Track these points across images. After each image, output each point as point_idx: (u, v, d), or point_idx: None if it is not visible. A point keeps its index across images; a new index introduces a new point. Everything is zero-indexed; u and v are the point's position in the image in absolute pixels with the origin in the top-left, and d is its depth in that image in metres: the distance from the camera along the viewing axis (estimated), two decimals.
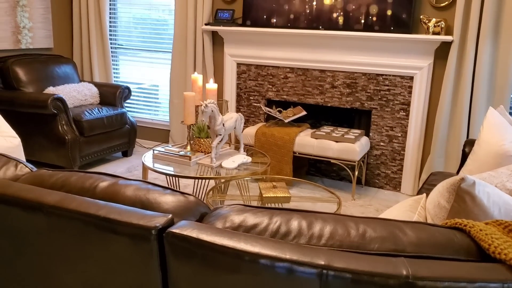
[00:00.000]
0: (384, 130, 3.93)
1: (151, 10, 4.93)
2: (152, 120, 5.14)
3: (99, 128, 4.22)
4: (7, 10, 4.37)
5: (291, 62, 4.15)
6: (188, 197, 1.33)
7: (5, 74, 4.21)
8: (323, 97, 4.10)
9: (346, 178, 4.21)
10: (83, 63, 5.07)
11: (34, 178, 1.46)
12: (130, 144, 4.65)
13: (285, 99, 4.27)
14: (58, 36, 4.97)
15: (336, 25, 3.87)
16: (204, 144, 3.18)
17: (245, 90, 4.43)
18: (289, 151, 3.84)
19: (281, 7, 4.05)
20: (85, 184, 1.40)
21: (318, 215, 1.21)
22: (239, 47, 4.34)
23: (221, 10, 4.31)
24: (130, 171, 4.26)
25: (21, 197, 1.28)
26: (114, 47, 5.20)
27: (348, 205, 3.68)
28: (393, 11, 3.66)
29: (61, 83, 4.47)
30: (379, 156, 4.00)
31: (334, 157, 3.74)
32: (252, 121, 4.45)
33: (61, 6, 4.97)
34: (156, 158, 3.14)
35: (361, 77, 3.92)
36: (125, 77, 5.26)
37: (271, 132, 3.92)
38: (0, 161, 1.56)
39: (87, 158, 4.17)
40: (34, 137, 4.07)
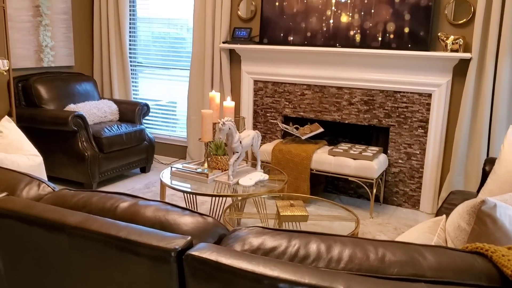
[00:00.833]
0: (402, 147, 3.91)
1: (170, 27, 5.02)
2: (169, 136, 5.20)
3: (118, 144, 4.28)
4: (30, 30, 4.49)
5: (308, 79, 4.17)
6: (207, 219, 1.34)
7: (27, 91, 4.31)
8: (340, 114, 4.10)
9: (364, 196, 4.18)
10: (103, 81, 5.16)
11: (57, 198, 1.49)
12: (148, 160, 4.70)
13: (302, 115, 4.28)
14: (79, 55, 5.08)
15: (353, 42, 3.89)
16: (221, 162, 3.20)
17: (262, 106, 4.45)
18: (306, 168, 3.84)
19: (298, 25, 4.09)
20: (106, 205, 1.42)
21: (337, 238, 1.21)
22: (256, 64, 4.38)
23: (239, 29, 4.36)
24: (148, 187, 4.30)
25: (45, 217, 1.31)
26: (133, 65, 5.29)
27: (366, 223, 3.64)
28: (411, 28, 3.66)
29: (81, 101, 4.55)
30: (397, 173, 3.97)
31: (352, 174, 3.72)
32: (269, 138, 4.47)
33: (83, 25, 5.09)
34: (174, 175, 3.17)
35: (379, 94, 3.92)
36: (144, 94, 5.33)
37: (288, 149, 3.93)
38: (24, 180, 1.60)
39: (106, 174, 4.22)
40: (55, 154, 4.14)
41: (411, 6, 3.65)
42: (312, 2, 4.01)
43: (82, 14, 5.07)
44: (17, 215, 1.35)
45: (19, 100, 4.32)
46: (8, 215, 1.36)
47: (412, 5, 3.64)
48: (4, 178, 1.62)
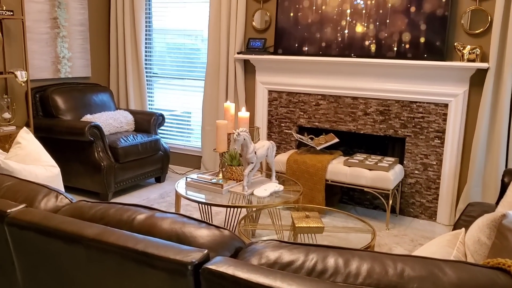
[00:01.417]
0: (418, 158, 3.87)
1: (185, 38, 5.06)
2: (184, 146, 5.22)
3: (134, 154, 4.31)
4: (48, 41, 4.57)
5: (323, 89, 4.16)
6: (223, 231, 1.33)
7: (45, 102, 4.37)
8: (355, 124, 4.08)
9: (380, 207, 4.14)
10: (119, 91, 5.22)
11: (74, 210, 1.50)
12: (163, 170, 4.72)
13: (317, 126, 4.26)
14: (95, 65, 5.14)
15: (369, 52, 3.87)
16: (236, 172, 3.20)
17: (276, 117, 4.45)
18: (321, 178, 3.81)
19: (313, 35, 4.09)
20: (123, 217, 1.42)
21: (355, 252, 1.20)
22: (270, 74, 4.39)
23: (253, 39, 4.38)
24: (163, 197, 4.31)
25: (62, 229, 1.32)
26: (149, 75, 5.33)
27: (383, 234, 3.60)
28: (427, 38, 3.64)
29: (98, 111, 4.60)
30: (413, 184, 3.93)
31: (368, 185, 3.69)
32: (283, 148, 4.46)
33: (99, 37, 5.16)
34: (189, 185, 3.18)
35: (394, 104, 3.89)
36: (159, 104, 5.37)
37: (303, 159, 3.91)
38: (42, 192, 1.61)
39: (121, 184, 4.24)
40: (71, 164, 4.18)
41: (427, 16, 3.63)
42: (327, 13, 4.01)
43: (99, 26, 5.14)
44: (35, 227, 1.36)
45: (37, 111, 4.39)
46: (26, 227, 1.38)
47: (428, 15, 3.62)
48: (23, 189, 1.64)
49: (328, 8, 4.00)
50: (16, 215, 1.41)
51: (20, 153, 2.26)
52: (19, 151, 2.27)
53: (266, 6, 4.41)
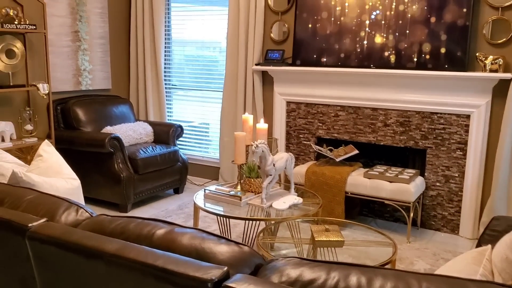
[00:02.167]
0: (440, 170, 3.80)
1: (203, 49, 5.09)
2: (202, 157, 5.23)
3: (153, 166, 4.33)
4: (70, 54, 4.64)
5: (342, 100, 4.13)
6: (243, 248, 1.32)
7: (66, 114, 4.43)
8: (375, 135, 4.04)
9: (400, 220, 4.08)
10: (139, 103, 5.26)
11: (94, 224, 1.50)
12: (181, 181, 4.73)
13: (336, 137, 4.23)
14: (116, 78, 5.21)
15: (388, 63, 3.84)
16: (255, 184, 3.18)
17: (294, 128, 4.43)
18: (340, 191, 3.77)
19: (331, 46, 4.08)
20: (143, 231, 1.42)
21: (378, 271, 1.17)
22: (288, 86, 4.38)
23: (271, 51, 4.39)
24: (181, 208, 4.32)
25: (83, 244, 1.32)
26: (168, 87, 5.38)
27: (404, 248, 3.54)
28: (447, 48, 3.59)
29: (118, 123, 4.64)
30: (435, 197, 3.85)
31: (388, 197, 3.64)
32: (302, 159, 4.43)
33: (119, 49, 5.23)
34: (207, 197, 3.17)
35: (415, 115, 3.84)
36: (178, 115, 5.40)
37: (322, 171, 3.88)
38: (63, 205, 1.62)
39: (140, 195, 4.26)
40: (91, 175, 4.22)
41: (448, 26, 3.58)
42: (346, 24, 3.99)
43: (119, 39, 5.21)
44: (56, 241, 1.36)
45: (58, 123, 4.45)
46: (47, 241, 1.38)
47: (449, 25, 3.58)
48: (44, 203, 1.65)
49: (346, 19, 3.99)
50: (37, 229, 1.42)
51: (41, 166, 2.28)
52: (41, 164, 2.29)
53: (284, 17, 4.41)
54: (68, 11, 4.57)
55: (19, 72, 4.17)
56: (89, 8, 4.76)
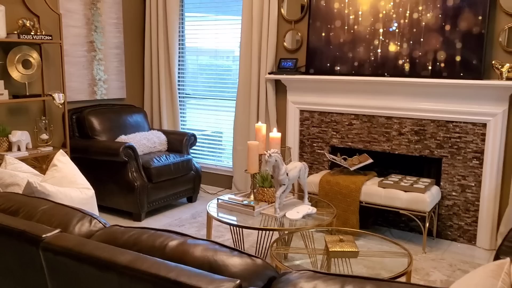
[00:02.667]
0: (456, 179, 3.74)
1: (217, 58, 5.11)
2: (216, 166, 5.23)
3: (166, 174, 4.34)
4: (85, 64, 4.70)
5: (356, 109, 4.11)
6: (255, 260, 1.31)
7: (81, 123, 4.47)
8: (390, 144, 4.00)
9: (416, 229, 4.02)
10: (153, 112, 5.30)
11: (108, 235, 1.51)
12: (195, 190, 4.74)
13: (350, 146, 4.20)
14: (130, 87, 5.25)
15: (402, 71, 3.81)
16: (268, 194, 3.17)
17: (308, 137, 4.41)
18: (355, 200, 3.74)
19: (345, 55, 4.06)
20: (156, 243, 1.42)
21: (394, 285, 1.15)
22: (302, 94, 4.37)
23: (284, 59, 4.39)
24: (195, 217, 4.32)
25: (96, 256, 1.32)
26: (181, 95, 5.41)
27: (419, 258, 3.49)
28: (463, 56, 3.56)
29: (132, 132, 4.67)
30: (451, 206, 3.80)
31: (403, 207, 3.59)
32: (315, 169, 4.40)
33: (134, 59, 5.27)
34: (220, 207, 3.17)
35: (430, 124, 3.80)
36: (191, 124, 5.42)
37: (336, 180, 3.85)
38: (76, 216, 1.63)
39: (154, 204, 4.28)
40: (106, 184, 4.25)
41: (463, 34, 3.55)
42: (360, 32, 3.98)
43: (134, 49, 5.26)
44: (69, 252, 1.37)
45: (73, 132, 4.49)
46: (60, 252, 1.39)
47: (464, 33, 3.54)
48: (58, 213, 1.66)
49: (360, 28, 3.97)
50: (51, 240, 1.42)
51: (56, 176, 2.30)
52: (56, 174, 2.31)
53: (298, 26, 4.42)
54: (84, 21, 4.63)
55: (35, 82, 4.23)
56: (104, 18, 4.82)
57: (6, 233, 1.52)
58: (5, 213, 1.71)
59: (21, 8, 4.07)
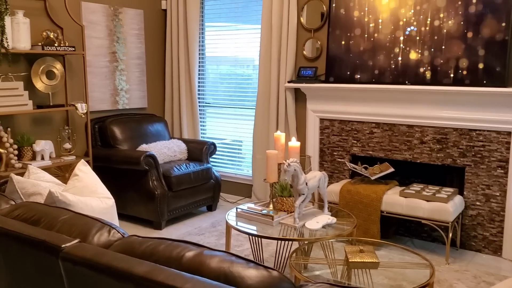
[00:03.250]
0: (480, 188, 3.67)
1: (236, 66, 5.14)
2: (235, 174, 5.24)
3: (186, 183, 4.37)
4: (107, 74, 4.78)
5: (377, 117, 4.07)
6: (272, 272, 1.30)
7: (103, 132, 4.54)
8: (411, 153, 3.94)
9: (439, 240, 3.94)
10: (174, 121, 5.35)
11: (126, 245, 1.52)
12: (214, 198, 4.75)
13: (371, 155, 4.16)
14: (151, 96, 5.32)
15: (424, 79, 3.76)
16: (287, 203, 3.15)
17: (328, 145, 4.38)
18: (376, 210, 3.69)
19: (365, 63, 4.04)
20: (172, 254, 1.42)
21: None
22: (322, 103, 4.35)
23: (304, 68, 4.38)
24: (214, 226, 4.32)
25: (113, 266, 1.33)
26: (201, 105, 5.44)
27: (442, 269, 3.41)
28: (486, 64, 3.49)
29: (153, 140, 4.72)
30: (475, 216, 3.71)
31: (425, 217, 3.53)
32: (336, 178, 4.37)
33: (155, 69, 5.34)
34: (239, 216, 3.16)
35: (452, 132, 3.73)
36: (211, 133, 5.45)
37: (357, 189, 3.81)
38: (95, 226, 1.65)
39: (174, 213, 4.30)
40: (127, 192, 4.29)
41: (486, 41, 3.49)
42: (380, 40, 3.95)
43: (155, 59, 5.33)
44: (88, 262, 1.38)
45: (96, 141, 4.56)
46: (79, 262, 1.40)
47: (487, 40, 3.48)
48: (77, 223, 1.68)
49: (380, 36, 3.95)
50: (70, 250, 1.44)
51: (77, 185, 2.34)
52: (77, 183, 2.34)
53: (317, 34, 4.41)
54: (106, 33, 4.71)
55: (59, 93, 4.31)
56: (126, 29, 4.90)
57: (27, 242, 1.54)
58: (27, 222, 1.74)
59: (45, 20, 4.18)
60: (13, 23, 3.70)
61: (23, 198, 2.26)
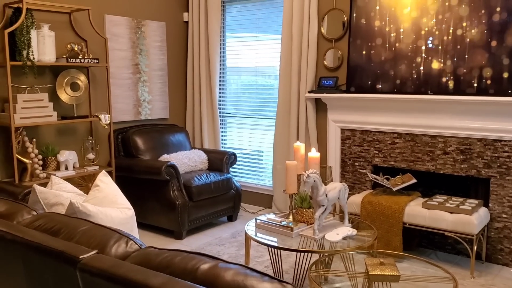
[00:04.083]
0: (506, 200, 3.57)
1: (257, 76, 5.16)
2: (256, 185, 5.23)
3: (207, 193, 4.38)
4: (130, 86, 4.85)
5: (399, 127, 4.02)
6: (286, 286, 1.29)
7: (126, 143, 4.60)
8: (434, 163, 3.88)
9: (463, 252, 3.85)
10: (195, 131, 5.39)
11: (142, 257, 1.53)
12: (235, 208, 4.75)
13: (393, 165, 4.10)
14: (173, 107, 5.38)
15: (446, 89, 3.70)
16: (307, 215, 3.13)
17: (349, 156, 4.35)
18: (398, 221, 3.63)
19: (386, 72, 4.00)
20: (188, 266, 1.42)
21: None
22: (343, 113, 4.32)
23: (325, 78, 4.37)
24: (235, 236, 4.32)
25: (129, 278, 1.34)
26: (222, 115, 5.47)
27: (467, 283, 3.33)
28: (510, 73, 3.42)
29: (174, 151, 4.77)
30: (501, 229, 3.62)
31: (449, 229, 3.45)
32: (357, 188, 4.32)
33: (177, 80, 5.40)
34: (259, 227, 3.15)
35: (476, 142, 3.66)
36: (232, 143, 5.47)
37: (378, 200, 3.76)
38: (113, 237, 1.66)
39: (195, 223, 4.31)
40: (149, 202, 4.33)
41: (510, 49, 3.42)
42: (401, 50, 3.91)
43: (177, 70, 5.39)
44: (105, 274, 1.40)
45: (118, 151, 4.63)
46: (96, 274, 1.42)
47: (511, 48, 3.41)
48: (97, 234, 1.70)
49: (402, 45, 3.91)
50: (88, 261, 1.46)
51: (98, 196, 2.37)
52: (97, 194, 2.38)
53: (338, 44, 4.40)
54: (129, 45, 4.80)
55: (83, 104, 4.40)
56: (149, 41, 4.98)
57: (47, 253, 1.57)
58: (48, 233, 1.77)
59: (70, 33, 4.28)
60: (39, 36, 3.80)
61: (46, 208, 2.30)
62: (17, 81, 3.90)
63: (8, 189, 3.38)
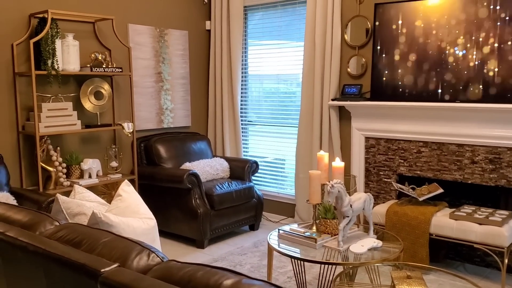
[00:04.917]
0: None
1: (280, 83, 5.12)
2: (278, 193, 5.18)
3: (228, 201, 4.35)
4: (153, 94, 4.87)
5: (424, 136, 3.92)
6: None
7: (148, 151, 4.62)
8: (462, 173, 3.77)
9: (493, 265, 3.72)
10: (216, 139, 5.38)
11: (164, 271, 1.50)
12: (257, 217, 4.70)
13: (419, 174, 4.00)
14: (195, 115, 5.38)
15: (474, 97, 3.60)
16: (331, 225, 3.06)
17: (374, 165, 4.26)
18: (424, 232, 3.53)
19: (411, 80, 3.92)
20: (210, 281, 1.39)
21: None
22: (367, 121, 4.25)
23: (348, 86, 4.30)
24: (257, 246, 4.27)
25: None
26: (244, 123, 5.45)
27: None
28: None
29: (196, 159, 4.76)
30: None
31: (477, 241, 3.34)
32: (382, 198, 4.23)
33: (199, 88, 5.41)
34: (281, 238, 3.10)
35: (506, 152, 3.54)
36: (254, 151, 5.44)
37: (404, 211, 3.67)
38: (135, 249, 1.64)
39: (216, 232, 4.29)
40: (170, 210, 4.33)
41: None
42: (427, 57, 3.83)
43: (199, 78, 5.40)
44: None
45: (141, 159, 4.64)
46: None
47: None
48: (118, 246, 1.68)
49: (427, 53, 3.82)
50: (109, 275, 1.44)
51: (120, 206, 2.36)
52: (120, 204, 2.37)
53: (362, 52, 4.33)
54: (152, 54, 4.82)
55: (106, 112, 4.43)
56: (171, 50, 5.00)
57: (68, 265, 1.56)
58: (69, 244, 1.76)
59: (94, 42, 4.32)
60: (63, 46, 3.85)
61: (68, 218, 2.30)
62: (42, 90, 3.95)
63: (32, 197, 3.42)
